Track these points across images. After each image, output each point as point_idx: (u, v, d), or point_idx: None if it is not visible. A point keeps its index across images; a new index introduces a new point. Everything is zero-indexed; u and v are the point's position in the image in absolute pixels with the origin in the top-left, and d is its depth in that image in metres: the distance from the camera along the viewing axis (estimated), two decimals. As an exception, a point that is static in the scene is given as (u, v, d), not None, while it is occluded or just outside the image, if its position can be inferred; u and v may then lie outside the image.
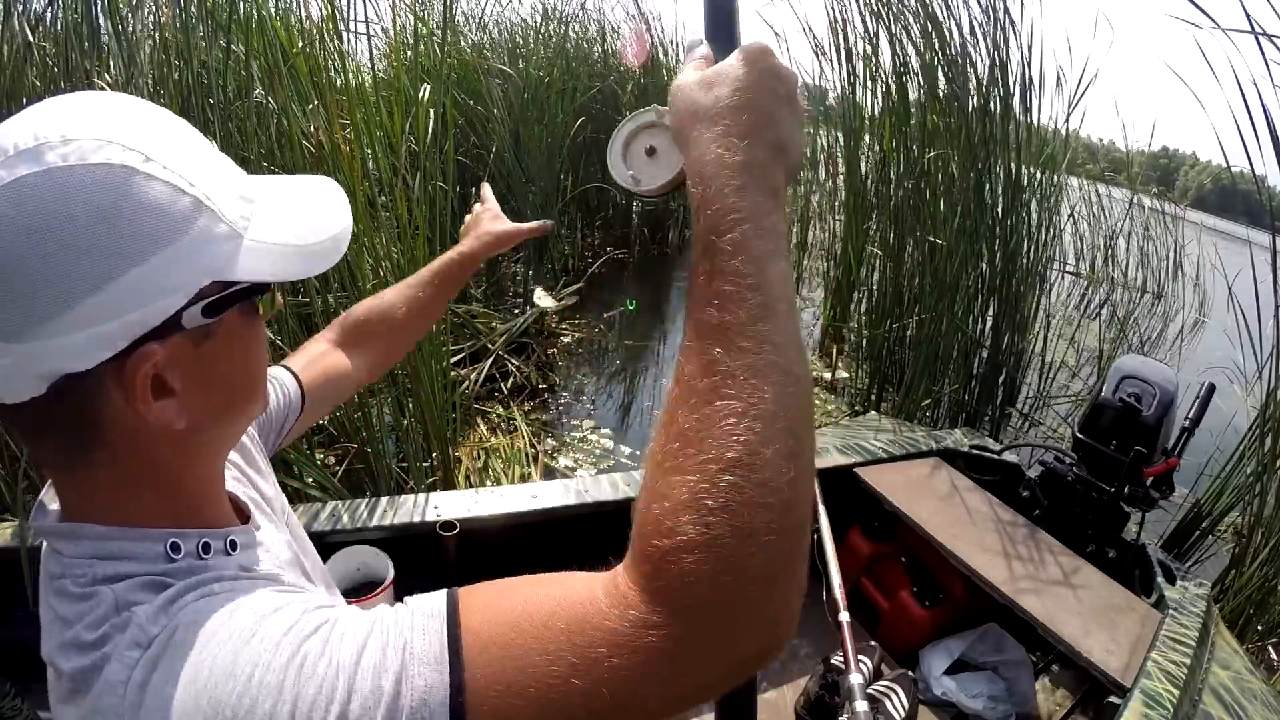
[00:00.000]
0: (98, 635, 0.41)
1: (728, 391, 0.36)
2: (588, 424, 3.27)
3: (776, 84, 0.44)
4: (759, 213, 0.41)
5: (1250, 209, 4.80)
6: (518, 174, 4.19)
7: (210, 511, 0.53)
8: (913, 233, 3.52)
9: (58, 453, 0.45)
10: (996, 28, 3.03)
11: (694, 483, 0.35)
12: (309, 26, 2.16)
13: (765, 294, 0.39)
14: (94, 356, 0.40)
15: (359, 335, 0.96)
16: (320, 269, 0.50)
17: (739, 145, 0.42)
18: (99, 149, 0.39)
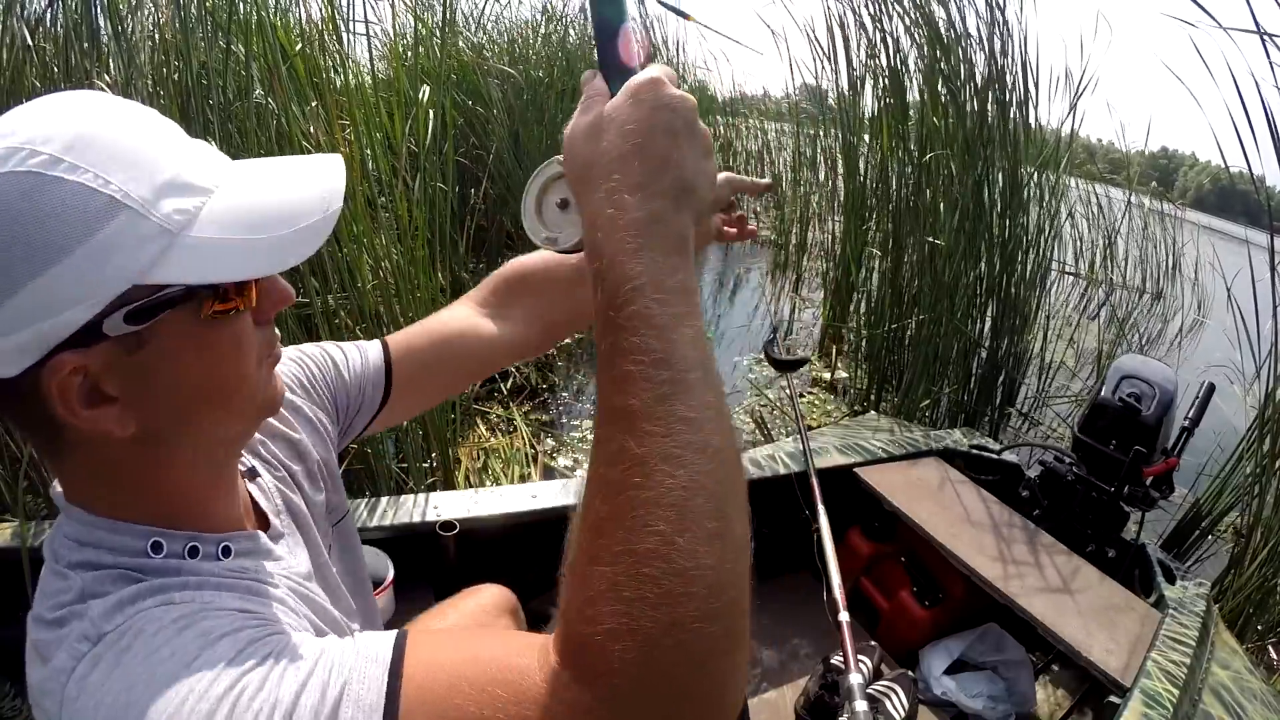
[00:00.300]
0: (56, 616, 0.42)
1: (637, 481, 0.34)
2: (587, 424, 3.27)
3: (670, 118, 0.40)
4: (660, 275, 0.38)
5: (1249, 209, 4.81)
6: (517, 175, 4.19)
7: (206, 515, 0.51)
8: (912, 233, 3.52)
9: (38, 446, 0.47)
10: (996, 28, 3.03)
11: (611, 574, 0.34)
12: (309, 27, 2.16)
13: (672, 367, 0.36)
14: (18, 363, 0.40)
15: (511, 289, 0.84)
16: (287, 263, 0.46)
17: (631, 201, 0.39)
18: (6, 159, 0.38)
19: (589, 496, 0.37)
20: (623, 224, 0.39)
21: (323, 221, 0.47)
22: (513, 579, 1.29)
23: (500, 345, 0.82)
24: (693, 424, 0.36)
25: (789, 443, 1.98)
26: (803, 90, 5.59)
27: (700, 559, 0.33)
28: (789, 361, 1.71)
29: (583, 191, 0.42)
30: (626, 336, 0.37)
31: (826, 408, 3.69)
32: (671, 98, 0.41)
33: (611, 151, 0.40)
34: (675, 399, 0.36)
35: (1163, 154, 20.49)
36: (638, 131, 0.40)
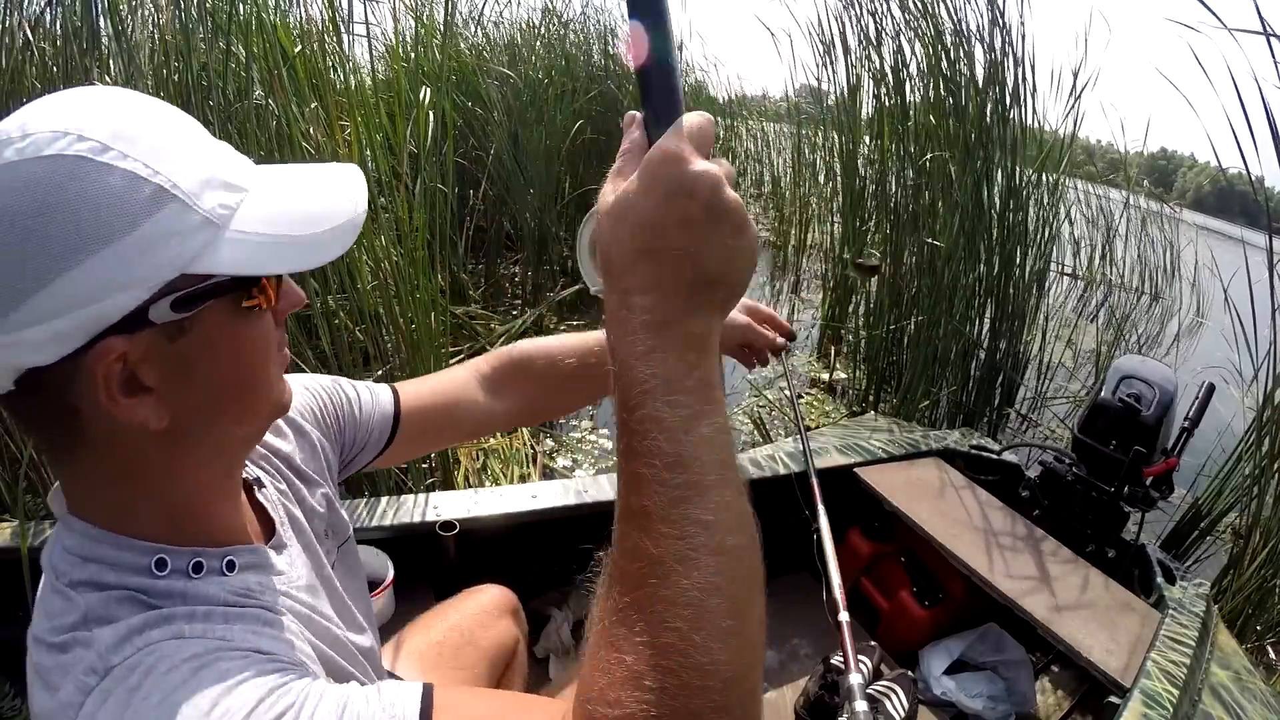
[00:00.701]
0: (60, 640, 0.41)
1: (653, 581, 0.35)
2: (586, 424, 3.27)
3: (687, 206, 0.37)
4: (671, 376, 0.37)
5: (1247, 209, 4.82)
6: (516, 176, 4.19)
7: (212, 522, 0.51)
8: (911, 234, 3.53)
9: (48, 443, 0.45)
10: (997, 27, 3.03)
11: (631, 663, 0.34)
12: (309, 28, 2.16)
13: (687, 470, 0.36)
14: (53, 351, 0.39)
15: (513, 372, 0.89)
16: (319, 261, 0.47)
17: (641, 304, 0.38)
18: (53, 141, 0.38)
19: (610, 582, 0.38)
20: (633, 327, 0.38)
21: (351, 223, 0.49)
22: (513, 579, 1.29)
23: (494, 420, 0.89)
24: (708, 527, 0.36)
25: (789, 443, 1.98)
26: (802, 90, 5.59)
27: (715, 655, 0.34)
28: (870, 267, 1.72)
29: (605, 280, 0.41)
30: (639, 440, 0.37)
31: (825, 408, 3.69)
32: (689, 180, 0.38)
33: (625, 247, 0.39)
34: (689, 502, 0.36)
35: (1161, 155, 20.53)
36: (650, 228, 0.38)
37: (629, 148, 0.42)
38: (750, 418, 3.43)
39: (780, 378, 3.87)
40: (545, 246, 4.49)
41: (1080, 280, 5.64)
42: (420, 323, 2.19)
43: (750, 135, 7.45)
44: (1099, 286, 5.59)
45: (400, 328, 2.18)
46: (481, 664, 1.08)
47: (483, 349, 3.51)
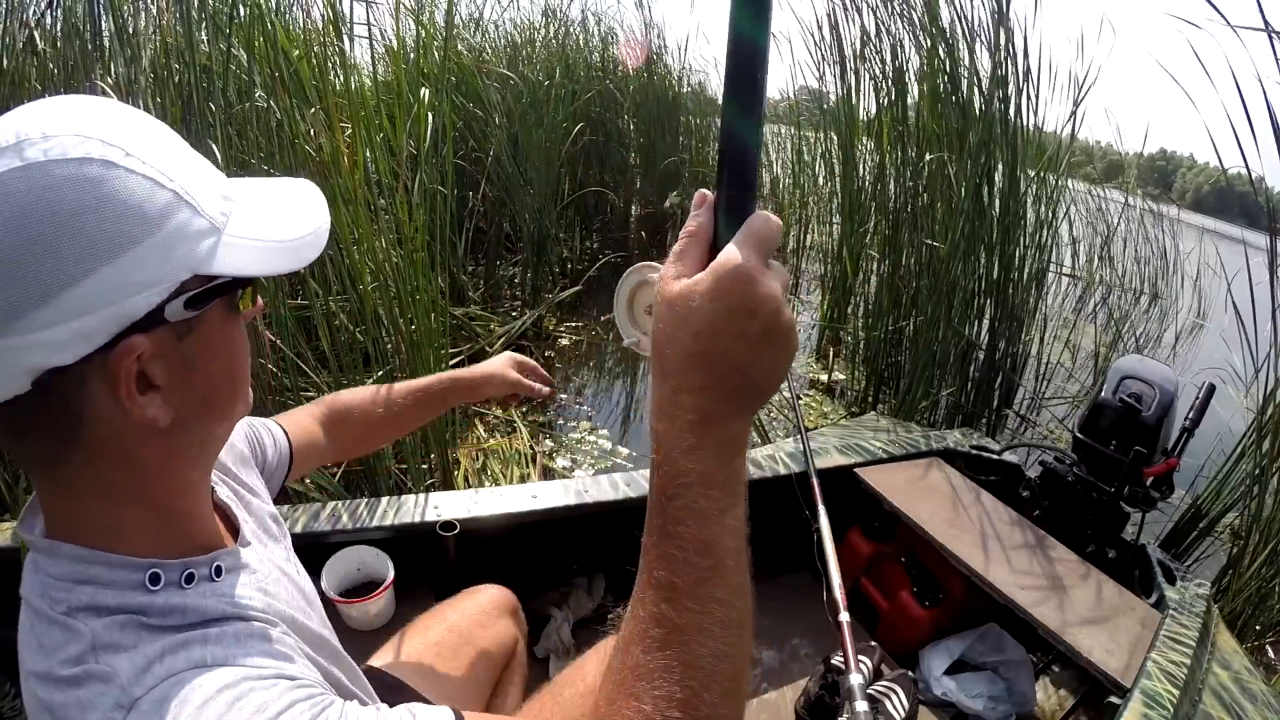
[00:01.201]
0: (72, 674, 0.41)
1: (677, 646, 0.40)
2: (585, 425, 3.27)
3: (748, 325, 0.40)
4: (710, 470, 0.41)
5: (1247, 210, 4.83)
6: (516, 177, 4.19)
7: (193, 528, 0.52)
8: (911, 235, 3.53)
9: (39, 451, 0.44)
10: (999, 29, 3.03)
11: (649, 712, 0.39)
12: (310, 30, 2.16)
13: (712, 555, 0.41)
14: (77, 350, 0.40)
15: (338, 421, 1.00)
16: (300, 264, 0.50)
17: (691, 404, 0.41)
18: (79, 144, 0.40)
19: (629, 642, 0.42)
20: (681, 424, 0.41)
21: (322, 229, 0.53)
22: (513, 579, 1.29)
23: (325, 458, 0.99)
24: (724, 604, 0.41)
25: (789, 443, 1.98)
26: (801, 91, 5.60)
27: (719, 710, 0.40)
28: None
29: (655, 369, 0.43)
30: (674, 524, 0.41)
31: (824, 409, 3.69)
32: (755, 300, 0.40)
33: (683, 347, 0.41)
34: (711, 583, 0.41)
35: (1161, 156, 20.54)
36: (711, 336, 0.40)
37: (695, 231, 0.44)
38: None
39: (780, 378, 3.87)
40: (545, 248, 4.50)
41: (1080, 281, 5.65)
42: (420, 324, 2.20)
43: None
44: (1098, 287, 5.60)
45: (400, 329, 2.18)
46: (481, 664, 1.08)
47: (482, 350, 3.51)
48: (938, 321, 3.24)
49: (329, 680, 0.54)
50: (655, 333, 0.43)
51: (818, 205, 5.75)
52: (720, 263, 0.40)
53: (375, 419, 1.02)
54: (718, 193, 0.43)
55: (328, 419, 0.99)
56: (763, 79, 0.41)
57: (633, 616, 0.42)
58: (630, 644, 0.41)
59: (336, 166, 1.99)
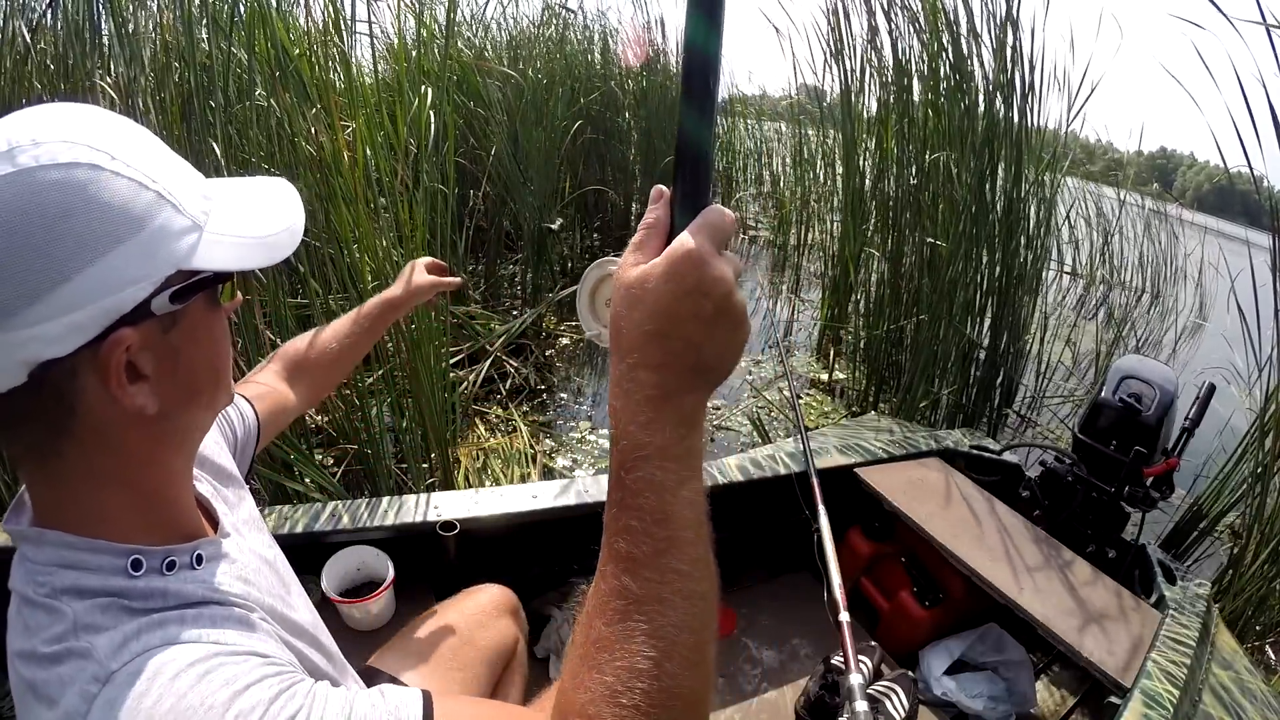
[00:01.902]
0: (54, 651, 0.43)
1: (637, 616, 0.41)
2: (585, 424, 3.27)
3: (701, 304, 0.42)
4: (667, 444, 0.42)
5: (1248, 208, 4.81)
6: (516, 175, 4.19)
7: (177, 516, 0.54)
8: (912, 233, 3.52)
9: (32, 440, 0.46)
10: (1006, 27, 3.02)
11: (612, 683, 0.40)
12: (311, 29, 2.16)
13: (670, 526, 0.42)
14: (70, 343, 0.43)
15: (299, 369, 1.02)
16: (276, 259, 0.53)
17: (648, 379, 0.42)
18: (67, 149, 0.42)
19: (592, 615, 0.43)
20: (638, 399, 0.43)
21: (296, 225, 0.56)
22: (513, 579, 1.29)
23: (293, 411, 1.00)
24: (683, 575, 0.42)
25: (789, 443, 1.98)
26: (803, 89, 5.59)
27: (681, 680, 0.40)
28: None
29: (613, 349, 0.45)
30: (633, 496, 0.42)
31: (824, 409, 3.69)
32: (708, 282, 0.42)
33: (641, 326, 0.43)
34: (670, 554, 0.42)
35: (1161, 154, 20.51)
36: (666, 315, 0.42)
37: (652, 223, 0.45)
38: (750, 418, 3.44)
39: (780, 378, 3.88)
40: (545, 246, 4.50)
41: (1081, 279, 5.64)
42: (420, 322, 2.20)
43: (750, 134, 7.45)
44: (1099, 286, 5.59)
45: (400, 327, 2.18)
46: (481, 664, 1.08)
47: (481, 349, 3.51)
48: (939, 320, 3.23)
49: (304, 665, 0.55)
50: (613, 314, 0.44)
51: (818, 203, 5.74)
52: (674, 247, 0.42)
53: (330, 358, 1.04)
54: (674, 188, 0.45)
55: (289, 373, 1.01)
56: (714, 85, 0.44)
57: (595, 590, 0.43)
58: (593, 617, 0.42)
59: (337, 165, 1.99)
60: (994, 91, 3.11)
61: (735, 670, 1.70)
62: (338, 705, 0.43)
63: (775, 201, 6.43)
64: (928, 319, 3.27)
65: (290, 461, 2.09)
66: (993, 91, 3.12)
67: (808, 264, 5.78)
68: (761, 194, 7.46)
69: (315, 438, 2.48)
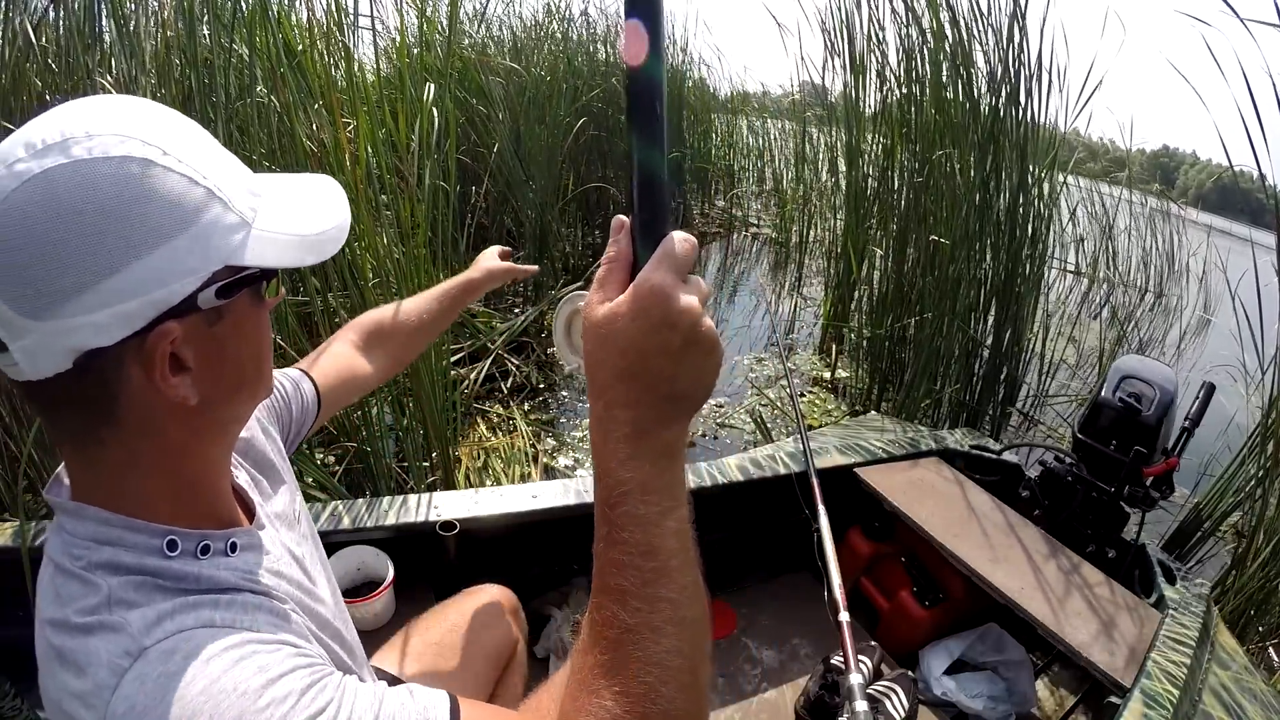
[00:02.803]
0: (86, 622, 0.44)
1: (631, 645, 0.42)
2: (587, 423, 3.26)
3: (669, 338, 0.42)
4: (647, 478, 0.43)
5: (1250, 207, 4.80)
6: (518, 173, 4.19)
7: (214, 504, 0.55)
8: (915, 231, 3.51)
9: (72, 428, 0.48)
10: (1014, 25, 3.00)
11: (611, 707, 0.41)
12: (313, 26, 2.15)
13: (657, 557, 0.43)
14: (117, 333, 0.43)
15: (377, 337, 1.03)
16: (322, 257, 0.54)
17: (624, 417, 0.43)
18: (121, 143, 0.43)
19: (589, 643, 0.44)
20: (615, 437, 0.43)
21: (343, 224, 0.56)
22: (513, 579, 1.29)
23: (367, 382, 1.02)
24: (673, 603, 0.43)
25: (789, 443, 1.98)
26: (805, 87, 5.58)
27: (676, 703, 0.42)
28: None
29: (589, 387, 0.46)
30: (618, 531, 0.43)
31: (827, 407, 3.69)
32: (673, 315, 0.42)
33: (611, 365, 0.43)
34: (659, 583, 0.43)
35: (1164, 152, 20.41)
36: (636, 353, 0.42)
37: (615, 257, 0.45)
38: (751, 417, 3.43)
39: (782, 377, 3.87)
40: (546, 244, 4.49)
41: (1084, 278, 5.63)
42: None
43: (751, 131, 7.43)
44: (1103, 284, 5.58)
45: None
46: (481, 664, 1.08)
47: (483, 347, 3.51)
48: (941, 318, 3.23)
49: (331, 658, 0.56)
50: (585, 356, 0.45)
51: (820, 201, 5.73)
52: (638, 283, 0.43)
53: (410, 328, 1.06)
54: (633, 219, 0.45)
55: (365, 340, 1.02)
56: (661, 109, 0.43)
57: (589, 621, 0.45)
58: (589, 646, 0.44)
59: (339, 162, 1.98)
60: (998, 88, 3.10)
61: (735, 670, 1.70)
62: (367, 700, 0.44)
63: (777, 199, 6.41)
64: (930, 317, 3.26)
65: (291, 460, 2.09)
66: (997, 88, 3.10)
67: (810, 261, 5.77)
68: (764, 191, 7.45)
69: (315, 436, 2.49)
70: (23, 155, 0.41)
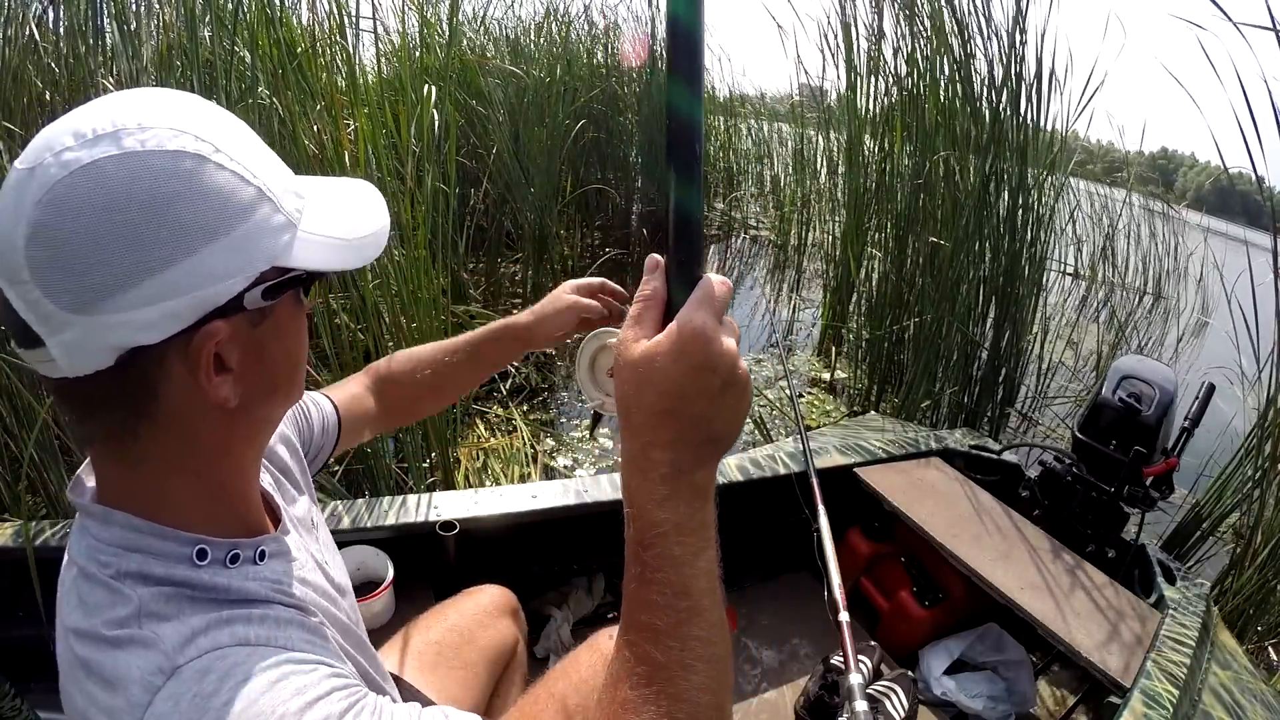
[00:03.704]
0: (116, 635, 0.43)
1: (663, 682, 0.43)
2: (586, 424, 3.27)
3: (709, 380, 0.43)
4: (681, 519, 0.44)
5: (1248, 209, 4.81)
6: (517, 174, 4.19)
7: (243, 510, 0.55)
8: (914, 233, 3.51)
9: (108, 427, 0.46)
10: (1017, 27, 3.01)
11: None
12: (315, 27, 2.16)
13: (689, 597, 0.44)
14: (164, 330, 0.43)
15: (386, 384, 0.98)
16: (364, 261, 0.53)
17: (661, 459, 0.44)
18: (174, 137, 0.42)
19: (618, 679, 0.44)
20: (653, 478, 0.44)
21: (384, 229, 0.56)
22: (513, 579, 1.29)
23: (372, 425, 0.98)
24: (703, 641, 0.44)
25: (789, 443, 1.98)
26: (804, 89, 5.59)
27: None
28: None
29: (623, 427, 0.46)
30: (653, 571, 0.44)
31: (826, 408, 3.69)
32: (714, 357, 0.43)
33: (650, 406, 0.44)
34: (691, 623, 0.44)
35: (1162, 154, 20.47)
36: (676, 395, 0.43)
37: (649, 295, 0.46)
38: (750, 417, 3.43)
39: (781, 378, 3.87)
40: (546, 246, 4.49)
41: (1083, 280, 5.64)
42: (421, 322, 2.20)
43: (750, 135, 7.44)
44: (1101, 286, 5.58)
45: (401, 327, 2.18)
46: (481, 664, 1.08)
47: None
48: (941, 319, 3.23)
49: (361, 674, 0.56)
50: (620, 395, 0.45)
51: (818, 202, 5.74)
52: (679, 324, 0.43)
53: (425, 381, 0.97)
54: (668, 259, 0.46)
55: (376, 385, 0.98)
56: (699, 149, 0.44)
57: (619, 655, 0.45)
58: (619, 681, 0.44)
59: (340, 164, 1.99)
60: (999, 91, 3.10)
61: (735, 670, 1.70)
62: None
63: (776, 201, 6.42)
64: (930, 318, 3.27)
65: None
66: (999, 90, 3.11)
67: (809, 263, 5.77)
68: (763, 193, 7.46)
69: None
70: (71, 144, 0.40)
